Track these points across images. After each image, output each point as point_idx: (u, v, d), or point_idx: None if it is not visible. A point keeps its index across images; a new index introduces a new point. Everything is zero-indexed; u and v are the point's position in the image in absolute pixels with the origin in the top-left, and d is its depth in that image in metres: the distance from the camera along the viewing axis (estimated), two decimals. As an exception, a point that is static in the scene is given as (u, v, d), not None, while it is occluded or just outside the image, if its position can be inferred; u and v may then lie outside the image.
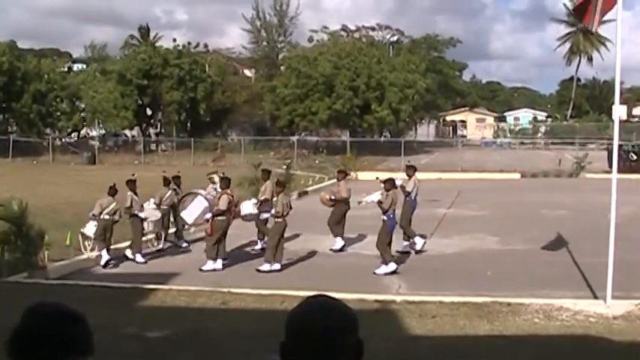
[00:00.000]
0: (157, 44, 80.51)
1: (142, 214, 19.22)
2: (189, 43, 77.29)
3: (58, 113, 74.45)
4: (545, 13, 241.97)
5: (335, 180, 23.03)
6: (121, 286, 15.70)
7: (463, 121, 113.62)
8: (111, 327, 10.85)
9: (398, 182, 21.53)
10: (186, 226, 21.48)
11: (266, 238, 19.38)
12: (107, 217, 18.50)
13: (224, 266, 18.14)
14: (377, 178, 20.25)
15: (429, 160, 59.17)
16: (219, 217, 18.22)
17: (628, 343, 11.62)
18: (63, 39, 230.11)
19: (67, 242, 18.38)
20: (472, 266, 18.71)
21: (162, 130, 79.86)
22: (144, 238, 20.21)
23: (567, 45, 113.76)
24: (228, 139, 74.86)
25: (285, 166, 38.28)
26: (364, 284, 16.02)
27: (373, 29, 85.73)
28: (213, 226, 18.24)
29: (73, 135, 78.29)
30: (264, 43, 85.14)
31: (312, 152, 62.63)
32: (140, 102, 72.39)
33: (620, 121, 15.85)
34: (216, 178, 20.52)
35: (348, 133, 71.42)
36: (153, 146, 73.07)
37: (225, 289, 15.04)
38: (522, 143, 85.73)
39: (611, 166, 43.02)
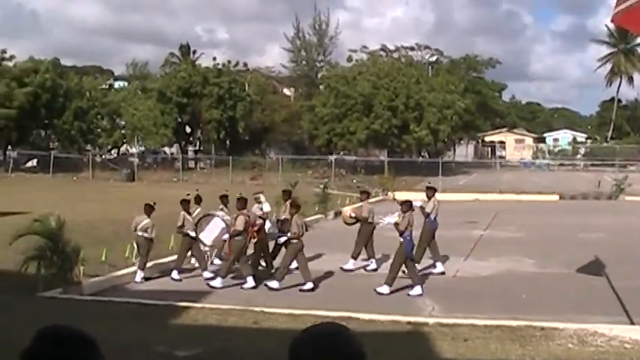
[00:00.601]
0: (197, 62, 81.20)
1: (192, 233, 19.30)
2: (229, 62, 77.93)
3: (99, 130, 75.33)
4: (585, 33, 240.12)
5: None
6: (155, 303, 15.76)
7: (502, 142, 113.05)
8: (142, 344, 10.92)
9: (417, 203, 21.58)
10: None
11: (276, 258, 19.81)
12: (140, 233, 18.64)
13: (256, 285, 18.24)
14: (394, 199, 20.38)
15: (467, 181, 59.00)
16: (237, 238, 18.31)
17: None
18: (105, 57, 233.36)
19: (103, 258, 18.54)
20: (507, 289, 18.56)
21: (201, 148, 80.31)
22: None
23: (608, 66, 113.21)
24: (267, 158, 75.12)
25: (322, 186, 38.38)
26: (398, 306, 15.96)
27: (412, 49, 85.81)
28: (231, 246, 18.34)
29: (112, 152, 79.14)
30: (304, 62, 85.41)
31: (350, 172, 62.63)
32: (180, 120, 73.00)
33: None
34: (263, 198, 20.59)
35: (386, 153, 71.34)
36: (191, 164, 73.54)
37: (258, 309, 15.05)
38: (561, 165, 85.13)
39: (651, 188, 42.79)
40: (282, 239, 18.98)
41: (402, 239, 17.81)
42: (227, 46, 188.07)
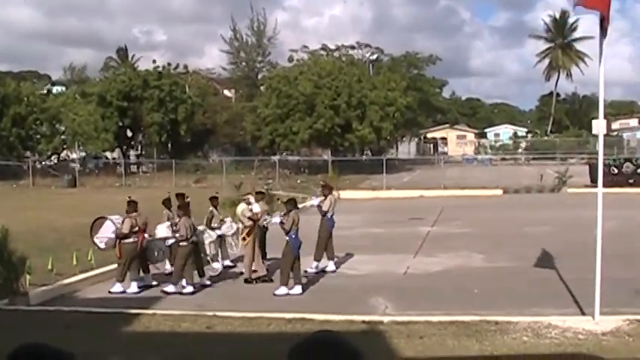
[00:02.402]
0: (137, 66, 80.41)
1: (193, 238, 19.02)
2: (169, 64, 77.20)
3: (38, 136, 74.00)
4: (524, 29, 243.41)
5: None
6: (105, 311, 15.50)
7: (444, 138, 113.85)
8: (95, 355, 10.68)
9: (315, 202, 21.55)
10: None
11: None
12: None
13: (140, 290, 18.07)
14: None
15: (410, 178, 59.29)
16: (126, 241, 18.07)
17: (619, 361, 11.53)
18: (42, 61, 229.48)
19: (49, 267, 18.18)
20: (458, 284, 18.61)
21: (143, 152, 79.52)
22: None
23: (546, 61, 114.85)
24: (210, 160, 74.69)
25: (266, 187, 38.19)
26: (350, 305, 15.89)
27: (353, 48, 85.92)
28: (121, 250, 18.12)
29: (53, 158, 77.85)
30: (244, 63, 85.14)
31: (294, 172, 62.56)
32: (120, 124, 72.14)
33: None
34: (252, 199, 20.36)
35: (329, 152, 71.36)
36: (134, 168, 72.80)
37: (211, 313, 14.87)
38: (503, 159, 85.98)
39: (593, 180, 43.34)
40: (170, 242, 18.80)
41: (287, 238, 17.75)
42: (165, 48, 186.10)
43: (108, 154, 77.79)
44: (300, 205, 22.63)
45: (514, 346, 12.26)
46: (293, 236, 17.76)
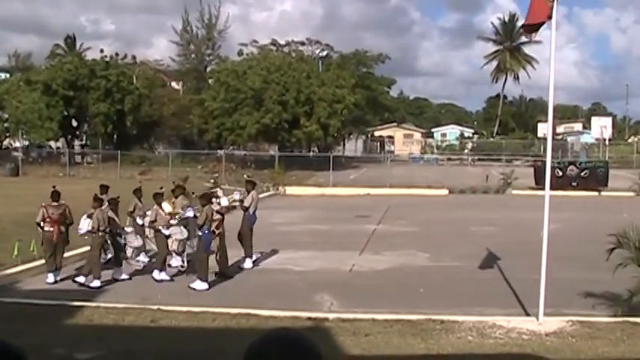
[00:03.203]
0: (84, 55, 79.46)
1: (165, 231, 18.78)
2: (116, 55, 76.37)
3: (-20, 123, 72.88)
4: (472, 31, 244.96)
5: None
6: (47, 303, 15.22)
7: (391, 137, 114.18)
8: (39, 347, 10.45)
9: (237, 196, 21.53)
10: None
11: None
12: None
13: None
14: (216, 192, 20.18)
15: (357, 176, 59.35)
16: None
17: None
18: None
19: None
20: (404, 283, 18.68)
21: (88, 143, 78.50)
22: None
23: (494, 63, 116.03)
24: (155, 152, 74.09)
25: (212, 181, 37.96)
26: (296, 302, 15.84)
27: (303, 44, 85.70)
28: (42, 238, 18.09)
29: (-5, 146, 76.66)
30: (193, 55, 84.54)
31: (240, 166, 62.26)
32: (66, 113, 71.14)
33: (545, 139, 15.97)
34: (220, 193, 20.26)
35: (276, 147, 71.21)
36: (78, 158, 71.83)
37: (155, 307, 14.71)
38: (449, 159, 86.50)
39: (537, 182, 43.84)
40: (82, 231, 18.59)
41: (199, 233, 17.71)
42: (113, 38, 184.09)
43: (52, 143, 76.67)
44: (223, 200, 22.60)
45: (459, 345, 12.31)
46: (206, 231, 17.70)
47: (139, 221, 20.41)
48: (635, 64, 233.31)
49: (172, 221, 19.25)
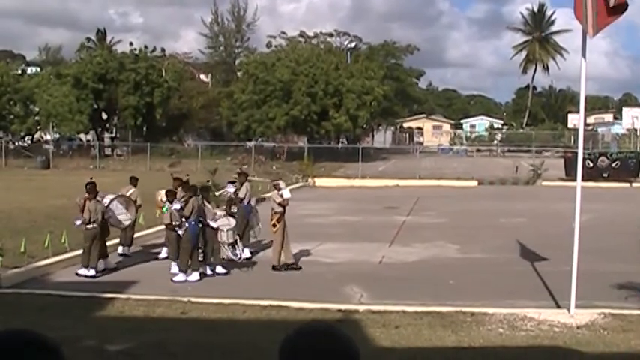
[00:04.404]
0: (115, 48, 79.90)
1: (214, 224, 18.72)
2: (145, 47, 76.69)
3: (12, 117, 73.39)
4: (502, 21, 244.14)
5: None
6: (78, 294, 15.31)
7: (420, 128, 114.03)
8: (70, 339, 10.50)
9: (231, 189, 21.41)
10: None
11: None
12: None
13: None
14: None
15: (386, 167, 59.27)
16: (88, 226, 17.85)
17: (597, 354, 11.52)
18: (16, 41, 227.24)
19: (22, 249, 18.00)
20: (434, 275, 18.60)
21: (118, 135, 78.98)
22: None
23: (523, 53, 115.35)
24: (185, 145, 74.37)
25: (238, 171, 38.01)
26: (325, 293, 15.82)
27: (331, 35, 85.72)
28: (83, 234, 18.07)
29: (26, 139, 77.24)
30: (222, 48, 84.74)
31: (269, 158, 62.39)
32: (96, 106, 71.60)
33: (575, 130, 15.84)
34: (282, 184, 20.24)
35: (305, 139, 71.25)
36: (108, 151, 72.27)
37: (185, 298, 14.75)
38: (479, 150, 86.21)
39: (567, 173, 43.61)
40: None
41: (186, 224, 17.68)
42: (141, 31, 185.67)
43: (82, 136, 77.26)
44: (217, 193, 22.64)
45: (491, 337, 12.24)
46: (192, 223, 17.67)
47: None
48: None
49: (218, 212, 19.27)
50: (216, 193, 19.99)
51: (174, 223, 18.15)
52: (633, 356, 11.49)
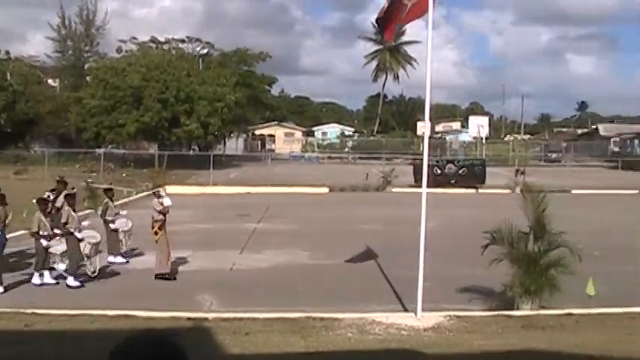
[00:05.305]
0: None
1: (78, 235, 18.05)
2: (-11, 50, 74.17)
3: None
4: (354, 30, 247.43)
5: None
6: None
7: (272, 135, 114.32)
8: None
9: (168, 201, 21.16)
10: None
11: None
12: None
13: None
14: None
15: (238, 174, 59.17)
16: None
17: (440, 355, 11.81)
18: None
19: None
20: (284, 281, 18.70)
21: (-40, 141, 75.99)
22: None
23: (375, 62, 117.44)
24: (31, 152, 72.20)
25: (90, 180, 37.25)
26: (176, 302, 15.66)
27: (183, 41, 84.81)
28: None
29: None
30: (70, 52, 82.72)
31: (120, 166, 61.31)
32: None
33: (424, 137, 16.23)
34: (163, 192, 19.77)
35: (156, 146, 70.42)
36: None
37: (30, 310, 14.26)
38: (330, 158, 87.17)
39: (417, 180, 44.56)
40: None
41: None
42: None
43: None
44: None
45: (339, 342, 12.36)
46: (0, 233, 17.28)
47: (112, 226, 20.87)
48: (511, 65, 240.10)
49: (84, 223, 18.86)
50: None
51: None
52: (475, 355, 11.83)
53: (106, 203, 21.79)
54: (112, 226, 20.70)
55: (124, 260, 20.97)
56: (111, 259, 20.79)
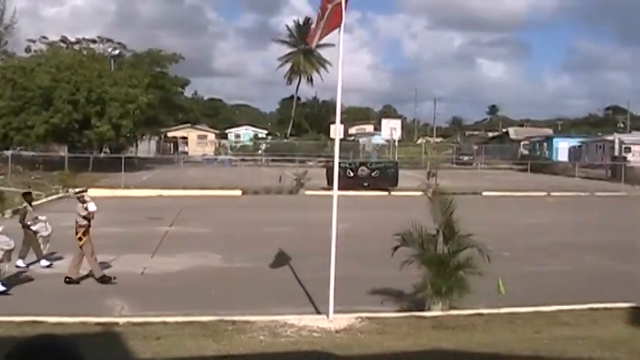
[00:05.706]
0: None
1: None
2: None
3: None
4: (268, 32, 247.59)
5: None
6: None
7: (184, 138, 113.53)
8: None
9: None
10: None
11: None
12: None
13: None
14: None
15: (150, 177, 58.54)
16: None
17: (351, 356, 11.87)
18: None
19: None
20: (196, 285, 18.58)
21: None
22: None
23: (288, 65, 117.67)
24: None
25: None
26: (85, 307, 15.42)
27: (94, 42, 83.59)
28: None
29: None
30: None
31: (28, 168, 60.10)
32: None
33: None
34: (87, 197, 19.34)
35: (66, 148, 69.27)
36: None
37: None
38: (243, 160, 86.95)
39: (329, 182, 44.74)
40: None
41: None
42: None
43: None
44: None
45: (251, 345, 12.33)
46: None
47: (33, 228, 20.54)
48: (424, 68, 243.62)
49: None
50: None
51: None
52: (385, 356, 11.93)
53: (24, 207, 21.46)
54: (33, 228, 20.32)
55: (47, 263, 20.63)
56: (43, 262, 20.50)
